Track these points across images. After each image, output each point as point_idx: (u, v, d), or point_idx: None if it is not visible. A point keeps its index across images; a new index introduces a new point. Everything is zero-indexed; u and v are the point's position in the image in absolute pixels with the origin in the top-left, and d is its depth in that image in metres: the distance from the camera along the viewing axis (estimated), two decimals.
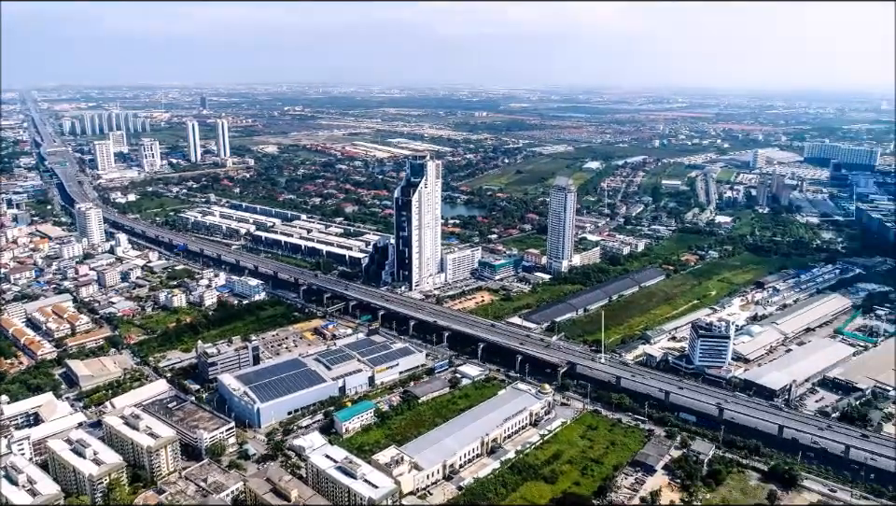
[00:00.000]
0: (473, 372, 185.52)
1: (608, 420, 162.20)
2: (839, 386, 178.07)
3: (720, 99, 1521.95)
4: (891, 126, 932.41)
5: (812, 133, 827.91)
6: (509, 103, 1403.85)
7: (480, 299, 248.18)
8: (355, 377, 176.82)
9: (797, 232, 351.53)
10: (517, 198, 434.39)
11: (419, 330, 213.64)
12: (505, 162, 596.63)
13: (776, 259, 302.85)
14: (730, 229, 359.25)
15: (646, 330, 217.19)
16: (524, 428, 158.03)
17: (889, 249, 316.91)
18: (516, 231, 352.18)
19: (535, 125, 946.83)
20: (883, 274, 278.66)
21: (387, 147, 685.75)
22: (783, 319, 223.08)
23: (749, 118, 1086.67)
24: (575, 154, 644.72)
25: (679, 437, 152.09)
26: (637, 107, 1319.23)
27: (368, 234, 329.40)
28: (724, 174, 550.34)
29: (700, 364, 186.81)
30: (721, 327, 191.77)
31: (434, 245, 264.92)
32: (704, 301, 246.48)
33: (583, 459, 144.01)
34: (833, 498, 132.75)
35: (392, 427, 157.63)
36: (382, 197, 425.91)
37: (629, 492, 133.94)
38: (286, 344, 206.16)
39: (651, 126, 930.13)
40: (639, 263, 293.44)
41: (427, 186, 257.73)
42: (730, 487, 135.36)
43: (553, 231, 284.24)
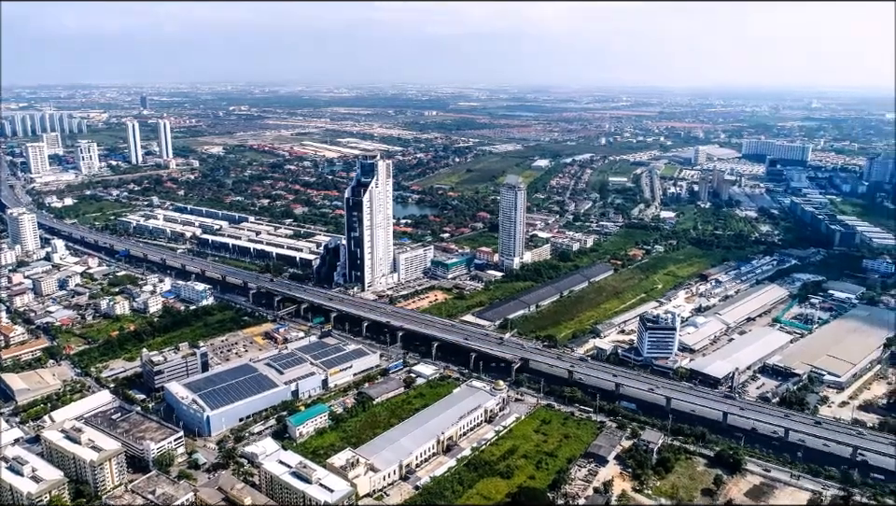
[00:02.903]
0: (428, 372, 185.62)
1: (561, 414, 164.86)
2: (778, 373, 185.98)
3: (662, 98, 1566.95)
4: (820, 123, 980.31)
5: (749, 130, 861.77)
6: (458, 102, 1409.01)
7: (433, 298, 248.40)
8: (308, 381, 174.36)
9: (737, 226, 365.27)
10: (468, 197, 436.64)
11: (373, 331, 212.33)
12: (455, 161, 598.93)
13: (718, 252, 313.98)
14: (674, 224, 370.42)
15: (596, 324, 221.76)
16: (479, 424, 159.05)
17: (821, 241, 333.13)
18: (468, 230, 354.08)
19: (484, 124, 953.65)
20: (816, 265, 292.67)
21: (337, 147, 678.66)
22: (725, 310, 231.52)
23: (690, 116, 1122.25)
24: (524, 152, 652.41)
25: (630, 428, 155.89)
26: (584, 106, 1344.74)
27: (318, 235, 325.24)
28: (668, 170, 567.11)
29: (648, 356, 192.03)
30: (667, 319, 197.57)
31: (386, 244, 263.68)
32: (651, 294, 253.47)
33: (538, 453, 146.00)
34: (774, 480, 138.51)
35: (347, 429, 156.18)
36: (332, 197, 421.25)
37: (583, 483, 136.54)
38: (235, 350, 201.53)
39: (598, 124, 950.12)
40: (589, 259, 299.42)
41: (377, 185, 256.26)
42: (678, 474, 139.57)
43: (505, 229, 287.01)
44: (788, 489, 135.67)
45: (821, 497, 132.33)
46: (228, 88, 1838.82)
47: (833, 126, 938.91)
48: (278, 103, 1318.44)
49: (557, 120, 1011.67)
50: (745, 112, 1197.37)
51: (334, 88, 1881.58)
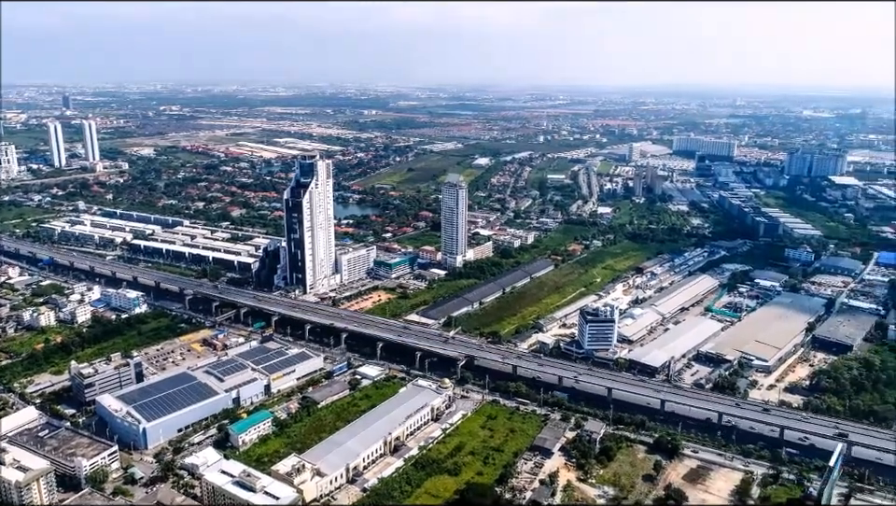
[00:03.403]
0: (373, 373, 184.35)
1: (506, 409, 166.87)
2: (711, 359, 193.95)
3: (597, 96, 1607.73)
4: (744, 120, 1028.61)
5: (679, 127, 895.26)
6: (398, 101, 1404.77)
7: (377, 298, 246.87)
8: (249, 387, 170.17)
9: (670, 220, 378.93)
10: (410, 196, 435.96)
11: (316, 334, 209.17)
12: (396, 161, 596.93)
13: (652, 245, 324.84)
14: (611, 219, 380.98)
15: (538, 318, 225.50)
16: (426, 423, 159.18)
17: (747, 232, 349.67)
18: (410, 229, 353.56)
19: (425, 123, 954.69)
20: (743, 255, 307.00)
21: (274, 147, 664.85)
22: (661, 301, 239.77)
23: (624, 114, 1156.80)
24: (465, 151, 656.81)
25: (573, 419, 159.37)
26: (522, 104, 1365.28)
27: (257, 238, 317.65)
28: (604, 167, 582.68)
29: (589, 348, 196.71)
30: (606, 312, 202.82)
31: (328, 246, 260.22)
32: (590, 288, 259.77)
33: (485, 449, 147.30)
34: (710, 463, 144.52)
35: (292, 435, 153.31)
36: (271, 199, 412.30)
37: (529, 476, 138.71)
38: (172, 358, 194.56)
39: (536, 122, 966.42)
40: (530, 255, 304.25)
41: (317, 186, 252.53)
42: (620, 462, 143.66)
43: (447, 228, 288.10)
44: (722, 471, 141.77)
45: (753, 476, 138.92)
46: (157, 87, 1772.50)
47: (755, 123, 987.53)
48: (212, 102, 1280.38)
49: (496, 119, 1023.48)
50: (675, 110, 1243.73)
51: (270, 87, 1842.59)
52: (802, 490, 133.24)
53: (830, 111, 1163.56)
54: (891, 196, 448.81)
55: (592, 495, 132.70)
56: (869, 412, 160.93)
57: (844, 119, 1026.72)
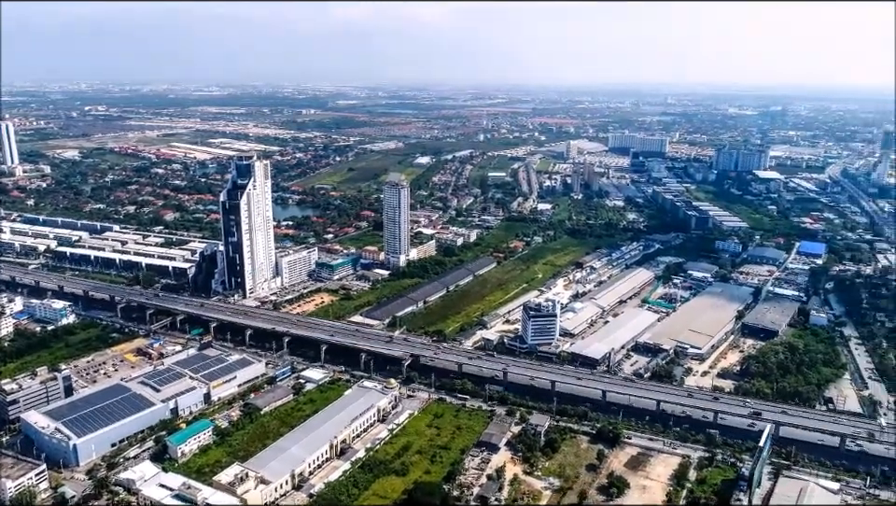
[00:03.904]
0: (317, 376, 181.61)
1: (452, 406, 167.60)
2: (648, 349, 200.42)
3: (535, 95, 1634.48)
4: (675, 118, 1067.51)
5: (614, 125, 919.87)
6: (336, 100, 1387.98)
7: (319, 300, 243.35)
8: (188, 396, 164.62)
9: (607, 215, 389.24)
10: (351, 196, 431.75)
11: (257, 339, 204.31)
12: (336, 160, 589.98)
13: (591, 240, 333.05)
14: (551, 215, 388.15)
15: (482, 315, 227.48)
16: (372, 425, 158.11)
17: (680, 226, 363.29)
18: (352, 230, 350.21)
19: (364, 122, 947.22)
20: (677, 248, 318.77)
21: (209, 148, 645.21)
22: (600, 294, 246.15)
23: (561, 112, 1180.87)
24: (405, 150, 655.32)
25: (519, 413, 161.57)
26: (462, 103, 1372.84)
27: (193, 242, 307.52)
28: (543, 164, 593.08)
29: (532, 343, 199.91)
30: (548, 307, 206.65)
31: (267, 248, 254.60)
32: (532, 283, 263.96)
33: (432, 447, 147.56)
34: (650, 449, 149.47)
35: (234, 443, 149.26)
36: (206, 201, 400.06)
37: (477, 472, 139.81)
38: (104, 370, 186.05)
39: (476, 121, 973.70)
40: (473, 253, 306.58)
41: (255, 187, 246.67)
42: (565, 453, 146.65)
43: (390, 228, 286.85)
44: (661, 456, 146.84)
45: (689, 459, 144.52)
46: (82, 87, 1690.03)
47: (685, 120, 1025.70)
48: (141, 102, 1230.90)
49: (437, 118, 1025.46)
50: (610, 108, 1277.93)
51: (203, 86, 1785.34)
52: (735, 471, 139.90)
53: (753, 109, 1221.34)
54: (810, 189, 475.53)
55: (538, 487, 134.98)
56: (794, 393, 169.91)
57: (765, 116, 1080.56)
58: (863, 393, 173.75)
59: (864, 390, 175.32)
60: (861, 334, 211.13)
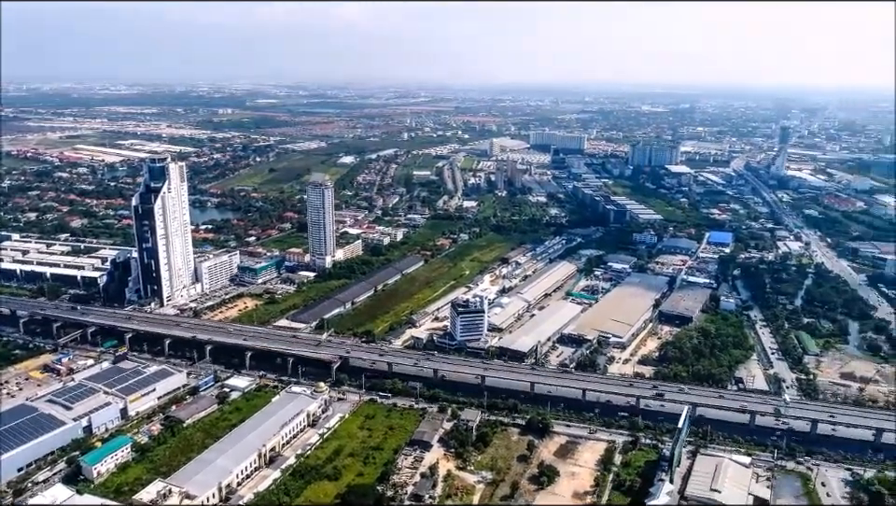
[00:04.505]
0: (242, 384, 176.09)
1: (384, 407, 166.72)
2: (573, 340, 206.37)
3: (457, 94, 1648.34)
4: (592, 115, 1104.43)
5: (535, 122, 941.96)
6: (255, 99, 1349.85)
7: (243, 305, 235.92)
8: (103, 412, 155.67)
9: (530, 211, 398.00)
10: (273, 197, 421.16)
11: (177, 348, 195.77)
12: (257, 161, 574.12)
13: (516, 236, 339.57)
14: (476, 212, 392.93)
15: (411, 314, 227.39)
16: (302, 430, 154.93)
17: (599, 219, 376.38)
18: (276, 232, 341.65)
19: (285, 122, 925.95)
20: (597, 241, 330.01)
21: (119, 150, 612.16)
22: (526, 289, 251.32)
23: (484, 110, 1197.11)
24: (328, 150, 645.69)
25: (450, 410, 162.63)
26: (385, 102, 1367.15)
27: (104, 250, 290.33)
28: (467, 162, 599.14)
29: (461, 339, 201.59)
30: (476, 303, 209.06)
31: (185, 253, 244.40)
32: (460, 280, 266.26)
33: (364, 449, 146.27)
34: (577, 437, 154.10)
35: (155, 459, 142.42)
36: (117, 207, 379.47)
37: (410, 471, 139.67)
38: (6, 390, 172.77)
39: (400, 120, 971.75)
40: (400, 252, 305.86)
41: (170, 190, 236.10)
42: (496, 446, 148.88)
43: (314, 229, 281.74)
44: (588, 443, 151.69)
45: (615, 444, 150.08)
46: None
47: (602, 118, 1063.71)
48: (40, 102, 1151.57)
49: (360, 117, 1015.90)
50: (530, 106, 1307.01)
51: (110, 85, 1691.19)
52: (657, 452, 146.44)
53: (664, 106, 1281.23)
54: (717, 182, 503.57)
55: (471, 481, 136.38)
56: (708, 375, 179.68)
57: (676, 114, 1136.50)
58: (769, 372, 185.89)
59: (770, 369, 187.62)
60: (766, 317, 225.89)
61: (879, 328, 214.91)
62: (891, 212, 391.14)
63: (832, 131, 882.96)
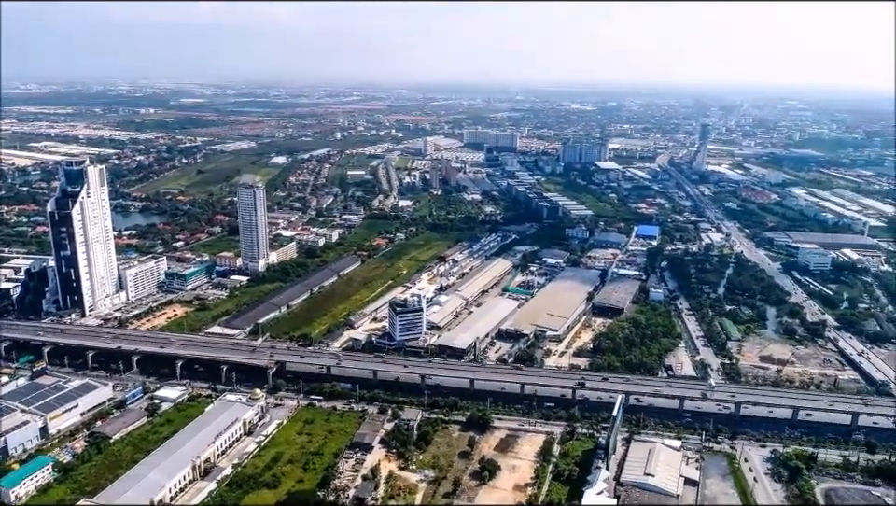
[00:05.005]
0: (173, 395, 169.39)
1: (323, 410, 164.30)
2: (511, 335, 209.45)
3: (389, 92, 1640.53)
4: (524, 114, 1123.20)
5: (468, 121, 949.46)
6: (179, 98, 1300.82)
7: (172, 313, 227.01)
8: (20, 432, 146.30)
9: (466, 209, 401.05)
10: (202, 200, 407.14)
11: (101, 361, 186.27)
12: (183, 162, 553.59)
13: (452, 234, 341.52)
14: (412, 211, 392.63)
15: (349, 315, 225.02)
16: (238, 439, 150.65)
17: (533, 216, 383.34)
18: (205, 235, 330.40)
19: (212, 121, 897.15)
20: (532, 237, 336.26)
21: (31, 153, 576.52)
22: (463, 286, 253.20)
23: (417, 109, 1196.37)
24: (259, 150, 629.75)
25: (391, 410, 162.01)
26: (317, 101, 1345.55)
27: (16, 259, 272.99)
28: (401, 161, 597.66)
29: (401, 339, 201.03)
30: (414, 302, 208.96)
31: (107, 261, 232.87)
32: (397, 280, 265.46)
33: (304, 455, 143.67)
34: (517, 430, 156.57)
35: (79, 478, 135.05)
36: (30, 213, 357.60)
37: (352, 474, 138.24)
38: None
39: (332, 119, 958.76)
40: (336, 253, 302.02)
41: (89, 195, 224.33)
42: (438, 444, 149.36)
43: (246, 231, 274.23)
44: (528, 436, 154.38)
45: (553, 436, 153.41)
46: None
47: (533, 116, 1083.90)
48: None
49: (291, 116, 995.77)
50: (463, 105, 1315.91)
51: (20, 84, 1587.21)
52: (594, 441, 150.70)
53: (592, 105, 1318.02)
54: (644, 177, 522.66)
55: (413, 480, 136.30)
56: (640, 364, 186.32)
57: (603, 112, 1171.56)
58: (696, 358, 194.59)
59: (697, 356, 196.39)
60: (692, 305, 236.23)
61: (794, 312, 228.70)
62: (802, 203, 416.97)
63: (747, 127, 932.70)
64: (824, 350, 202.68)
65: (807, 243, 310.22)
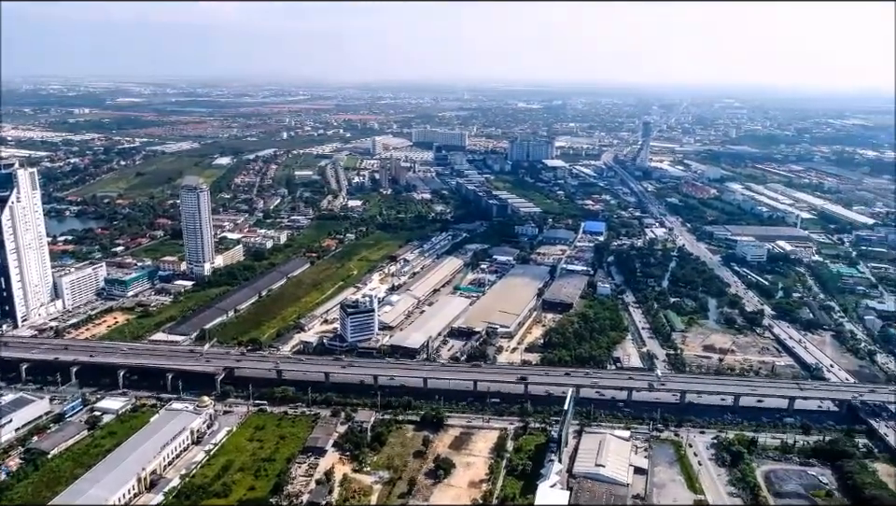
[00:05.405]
0: (116, 406, 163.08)
1: (274, 416, 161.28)
2: (463, 333, 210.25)
3: (336, 92, 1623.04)
4: (472, 112, 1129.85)
5: (416, 120, 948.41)
6: (116, 98, 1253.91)
7: (112, 321, 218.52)
8: None
9: (416, 208, 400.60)
10: (143, 203, 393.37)
11: (37, 373, 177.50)
12: (122, 164, 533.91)
13: (403, 233, 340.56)
14: (362, 211, 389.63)
15: (299, 318, 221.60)
16: (186, 449, 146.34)
17: (483, 214, 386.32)
18: (146, 240, 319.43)
19: (152, 122, 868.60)
20: (482, 235, 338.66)
21: None
22: (415, 285, 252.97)
23: (365, 108, 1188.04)
24: (202, 151, 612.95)
25: (344, 413, 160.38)
26: (261, 100, 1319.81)
27: None
28: (350, 161, 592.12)
29: (353, 340, 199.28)
30: (365, 302, 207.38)
31: (41, 268, 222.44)
32: (348, 281, 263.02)
33: (255, 462, 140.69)
34: (471, 428, 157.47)
35: (14, 498, 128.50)
36: None
37: (305, 479, 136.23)
38: None
39: (278, 119, 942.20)
40: (284, 255, 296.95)
41: (20, 200, 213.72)
42: (392, 445, 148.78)
43: (190, 235, 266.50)
44: (482, 432, 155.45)
45: (506, 431, 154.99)
46: None
47: (481, 115, 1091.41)
48: None
49: (235, 116, 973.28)
50: (411, 104, 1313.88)
51: None
52: (546, 435, 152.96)
53: (538, 103, 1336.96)
54: (590, 174, 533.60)
55: (368, 482, 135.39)
56: (590, 357, 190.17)
57: (549, 110, 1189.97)
58: (643, 350, 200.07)
59: (643, 347, 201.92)
60: (637, 298, 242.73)
61: (733, 303, 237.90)
62: (739, 198, 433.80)
63: (686, 125, 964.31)
64: (762, 338, 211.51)
65: (744, 236, 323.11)
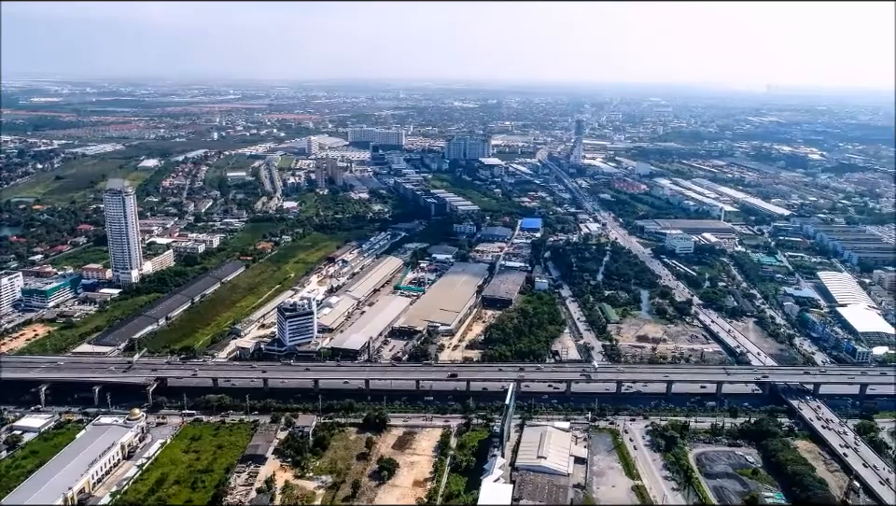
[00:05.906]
0: (38, 423, 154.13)
1: (211, 425, 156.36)
2: (404, 333, 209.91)
3: (268, 91, 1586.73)
4: (408, 111, 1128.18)
5: (352, 119, 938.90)
6: (31, 97, 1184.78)
7: (32, 334, 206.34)
8: None
9: (354, 208, 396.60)
10: (63, 208, 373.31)
11: None
12: (38, 168, 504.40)
13: (341, 234, 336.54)
14: (298, 213, 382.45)
15: (235, 323, 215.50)
16: (116, 464, 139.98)
17: (421, 213, 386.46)
18: (68, 247, 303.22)
19: (72, 122, 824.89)
20: (421, 234, 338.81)
21: None
22: (354, 286, 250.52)
23: (299, 108, 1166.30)
24: (127, 152, 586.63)
25: (284, 418, 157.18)
26: (190, 100, 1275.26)
27: None
28: (285, 161, 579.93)
29: (291, 344, 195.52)
30: (304, 305, 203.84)
31: None
32: (285, 283, 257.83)
33: (192, 474, 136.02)
34: (414, 427, 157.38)
35: None
36: None
37: (245, 488, 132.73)
38: None
39: (208, 119, 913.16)
40: (217, 259, 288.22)
41: None
42: (335, 448, 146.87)
43: (115, 241, 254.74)
44: (425, 431, 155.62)
45: (450, 429, 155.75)
46: None
47: (417, 114, 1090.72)
48: None
49: (161, 116, 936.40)
50: (347, 103, 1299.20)
51: None
52: (489, 430, 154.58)
53: (474, 102, 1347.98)
54: (526, 172, 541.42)
55: (311, 488, 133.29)
56: (529, 352, 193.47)
57: (485, 109, 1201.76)
58: (580, 342, 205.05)
59: (580, 340, 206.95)
60: (574, 292, 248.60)
61: (664, 294, 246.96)
62: (668, 193, 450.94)
63: (617, 123, 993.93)
64: (691, 327, 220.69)
65: (673, 229, 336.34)
